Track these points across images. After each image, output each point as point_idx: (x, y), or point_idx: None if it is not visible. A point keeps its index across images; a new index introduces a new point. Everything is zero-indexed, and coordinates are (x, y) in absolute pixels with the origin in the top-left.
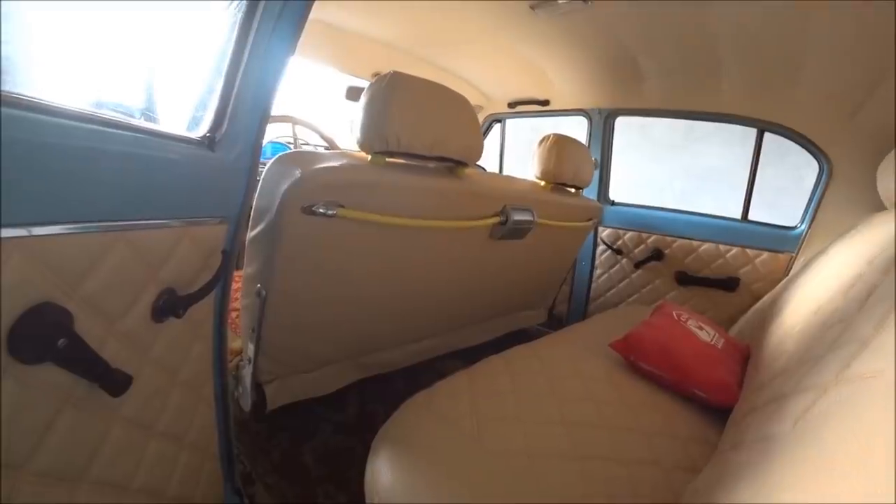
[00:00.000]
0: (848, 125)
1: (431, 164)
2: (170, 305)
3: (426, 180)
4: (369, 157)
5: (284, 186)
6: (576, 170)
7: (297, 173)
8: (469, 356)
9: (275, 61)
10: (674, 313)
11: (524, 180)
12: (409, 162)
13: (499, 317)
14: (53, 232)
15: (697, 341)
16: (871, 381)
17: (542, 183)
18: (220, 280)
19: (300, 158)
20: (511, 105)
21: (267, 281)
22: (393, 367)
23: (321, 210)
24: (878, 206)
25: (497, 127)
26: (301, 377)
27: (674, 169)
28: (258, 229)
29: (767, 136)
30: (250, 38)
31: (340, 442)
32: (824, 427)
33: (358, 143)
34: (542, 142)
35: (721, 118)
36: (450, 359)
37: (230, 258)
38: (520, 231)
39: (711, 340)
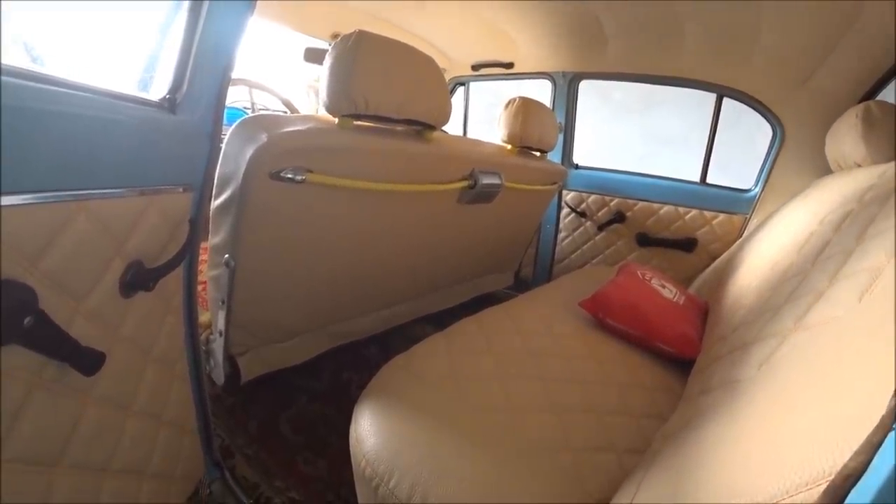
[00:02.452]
0: (800, 91)
1: (399, 128)
2: (139, 279)
3: (395, 143)
4: (336, 120)
5: (250, 152)
6: (541, 133)
7: (264, 137)
8: (439, 321)
9: (234, 17)
10: (638, 272)
11: (491, 144)
12: (378, 125)
13: (467, 281)
14: (5, 203)
15: (661, 298)
16: (825, 326)
17: (509, 146)
18: (188, 250)
19: (266, 122)
20: (475, 68)
21: (235, 251)
22: (364, 335)
23: (289, 175)
24: (826, 170)
25: (461, 90)
26: (274, 347)
27: (633, 133)
28: (223, 197)
29: (726, 101)
30: None
31: (317, 410)
32: (786, 367)
33: (324, 105)
34: (508, 105)
35: (682, 83)
36: (419, 324)
37: (197, 227)
38: (488, 195)
39: (674, 298)
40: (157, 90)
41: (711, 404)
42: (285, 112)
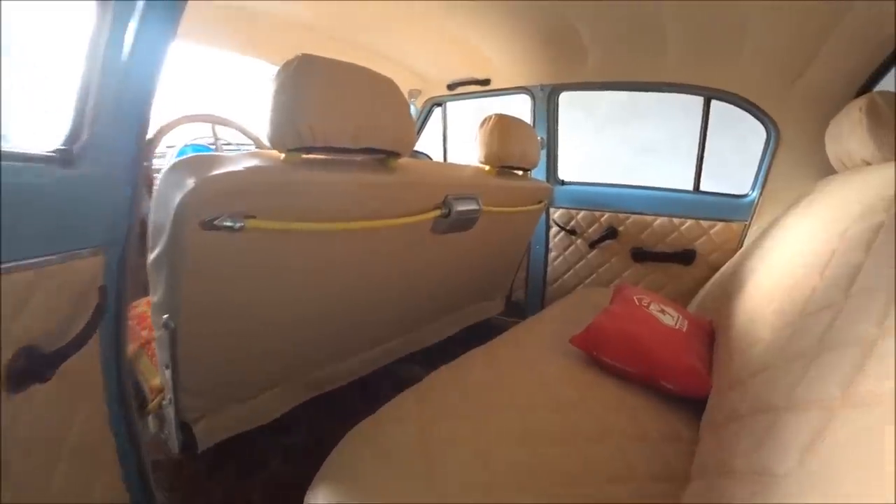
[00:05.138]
0: (792, 89)
1: (358, 158)
2: (31, 368)
3: (351, 175)
4: (283, 156)
5: (177, 199)
6: (522, 150)
7: (191, 182)
8: (428, 357)
9: (148, 50)
10: (634, 298)
11: (467, 166)
12: (331, 157)
13: (455, 311)
14: None
15: (661, 326)
16: (884, 402)
17: (487, 168)
18: (99, 323)
19: (197, 163)
20: (451, 87)
21: (174, 310)
22: (347, 380)
23: (226, 223)
24: (827, 169)
25: (438, 111)
26: (236, 408)
27: (619, 145)
28: (156, 251)
29: (713, 106)
30: (108, 20)
31: (292, 471)
32: (842, 467)
33: (269, 140)
34: (483, 124)
35: (668, 87)
36: (408, 362)
37: (111, 294)
38: (465, 222)
39: (676, 324)
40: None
41: (737, 496)
42: (251, 148)
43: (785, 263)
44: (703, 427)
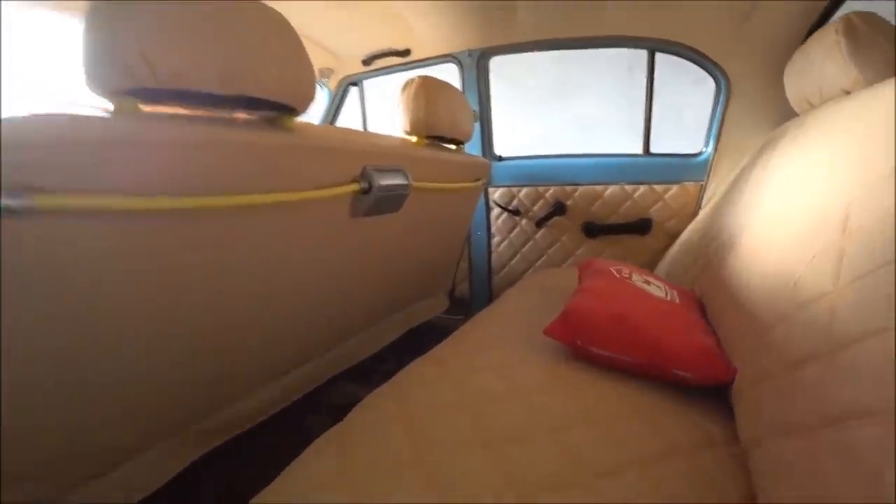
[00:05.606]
0: (740, 33)
1: (239, 115)
2: None
3: (221, 133)
4: (113, 106)
5: None
6: (453, 119)
7: None
8: (363, 372)
9: None
10: (612, 270)
11: (390, 136)
12: (195, 112)
13: (390, 315)
14: None
15: (654, 300)
16: None
17: (414, 138)
18: None
19: None
20: (366, 62)
21: None
22: (258, 419)
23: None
24: (784, 116)
25: (355, 91)
26: (92, 486)
27: (554, 120)
28: None
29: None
30: None
31: None
32: None
33: (86, 83)
34: (405, 87)
35: (609, 42)
36: (340, 382)
37: None
38: (392, 200)
39: (666, 296)
40: None
41: None
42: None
43: (761, 225)
44: (743, 427)
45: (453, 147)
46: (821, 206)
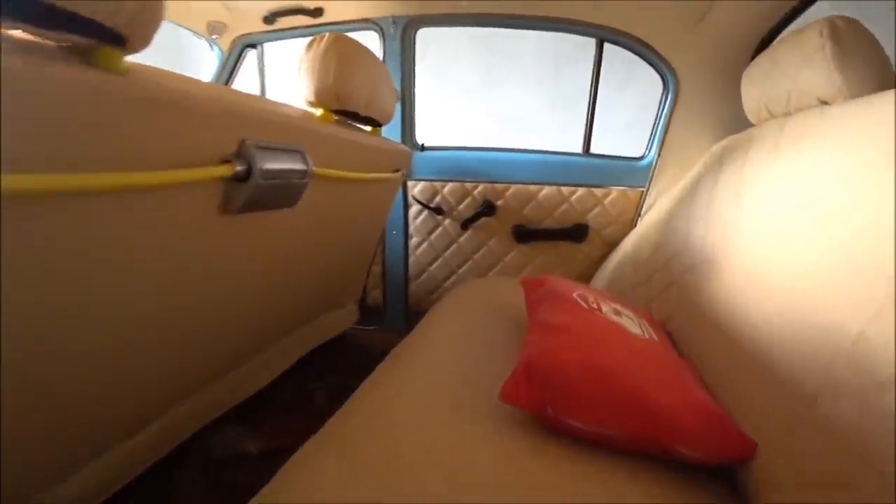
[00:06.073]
0: (694, 32)
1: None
2: None
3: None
4: None
5: None
6: (371, 93)
7: None
8: (254, 411)
9: None
10: (575, 296)
11: (286, 105)
12: None
13: (290, 333)
14: None
15: (633, 341)
16: None
17: (319, 111)
18: None
19: None
20: (268, 20)
21: None
22: (110, 491)
23: None
24: (734, 124)
25: (253, 55)
26: None
27: (479, 114)
28: None
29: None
30: None
31: None
32: None
33: None
34: (311, 45)
35: (555, 25)
36: (225, 426)
37: None
38: (283, 191)
39: (643, 332)
40: None
41: None
42: None
43: (789, 244)
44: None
45: (368, 129)
46: (860, 241)
